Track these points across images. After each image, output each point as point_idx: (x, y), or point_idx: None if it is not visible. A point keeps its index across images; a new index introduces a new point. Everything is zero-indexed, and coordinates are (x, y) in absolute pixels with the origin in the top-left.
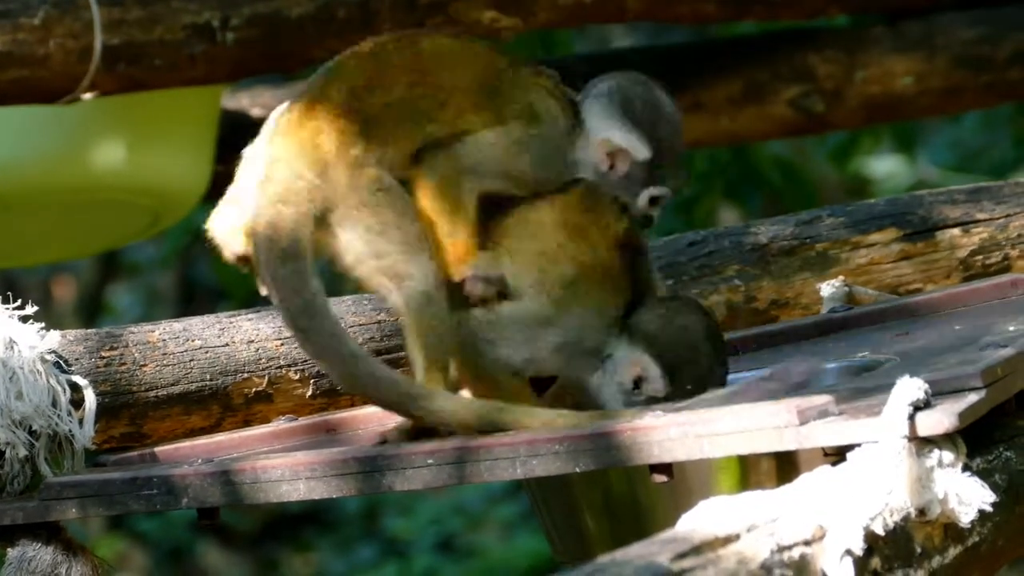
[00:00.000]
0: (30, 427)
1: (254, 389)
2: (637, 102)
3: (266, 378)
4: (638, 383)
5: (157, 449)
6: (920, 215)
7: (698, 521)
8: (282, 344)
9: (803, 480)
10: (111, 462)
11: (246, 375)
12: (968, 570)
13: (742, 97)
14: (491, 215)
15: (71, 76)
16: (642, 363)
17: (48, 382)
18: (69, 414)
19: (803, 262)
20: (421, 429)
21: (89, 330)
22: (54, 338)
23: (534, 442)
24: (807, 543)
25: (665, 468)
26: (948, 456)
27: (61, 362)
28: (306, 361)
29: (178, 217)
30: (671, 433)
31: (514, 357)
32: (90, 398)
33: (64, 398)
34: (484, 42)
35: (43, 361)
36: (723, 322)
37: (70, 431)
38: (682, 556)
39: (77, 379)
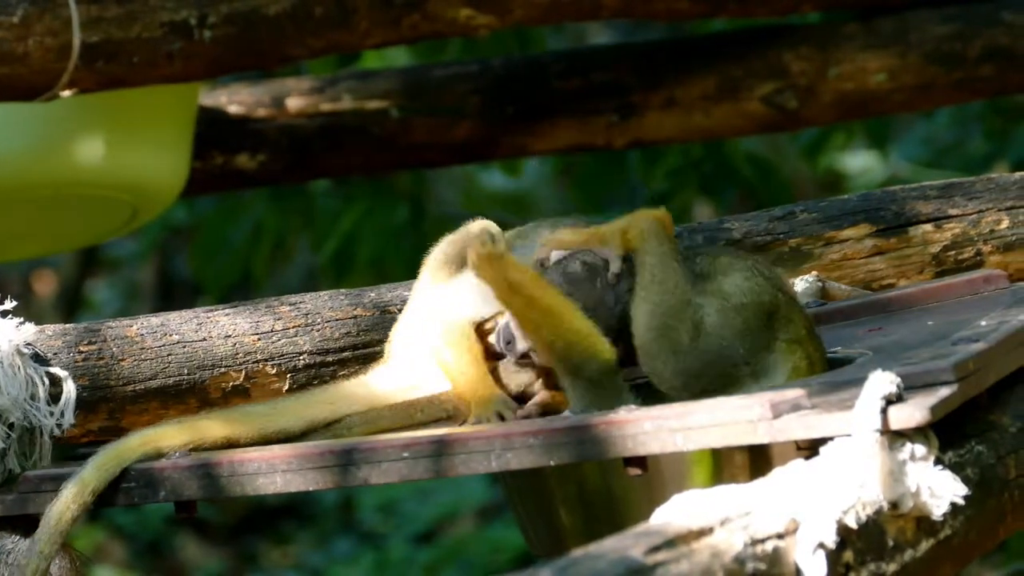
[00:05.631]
0: (7, 420)
1: (231, 383)
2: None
3: (243, 372)
4: None
5: None
6: (893, 210)
7: (672, 514)
8: (259, 339)
9: (776, 474)
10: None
11: (223, 369)
12: (940, 563)
13: (716, 94)
14: None
15: (50, 73)
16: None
17: (26, 375)
18: (48, 405)
19: (777, 257)
20: None
21: (68, 325)
22: (30, 330)
23: (509, 435)
24: (780, 536)
25: (639, 461)
26: (920, 450)
27: (40, 355)
28: (283, 356)
29: (156, 213)
30: (645, 427)
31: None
32: (69, 388)
33: (43, 391)
34: None
35: (20, 354)
36: None
37: (47, 423)
38: (656, 549)
39: (56, 370)
